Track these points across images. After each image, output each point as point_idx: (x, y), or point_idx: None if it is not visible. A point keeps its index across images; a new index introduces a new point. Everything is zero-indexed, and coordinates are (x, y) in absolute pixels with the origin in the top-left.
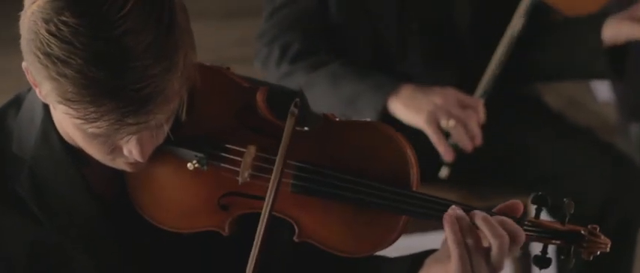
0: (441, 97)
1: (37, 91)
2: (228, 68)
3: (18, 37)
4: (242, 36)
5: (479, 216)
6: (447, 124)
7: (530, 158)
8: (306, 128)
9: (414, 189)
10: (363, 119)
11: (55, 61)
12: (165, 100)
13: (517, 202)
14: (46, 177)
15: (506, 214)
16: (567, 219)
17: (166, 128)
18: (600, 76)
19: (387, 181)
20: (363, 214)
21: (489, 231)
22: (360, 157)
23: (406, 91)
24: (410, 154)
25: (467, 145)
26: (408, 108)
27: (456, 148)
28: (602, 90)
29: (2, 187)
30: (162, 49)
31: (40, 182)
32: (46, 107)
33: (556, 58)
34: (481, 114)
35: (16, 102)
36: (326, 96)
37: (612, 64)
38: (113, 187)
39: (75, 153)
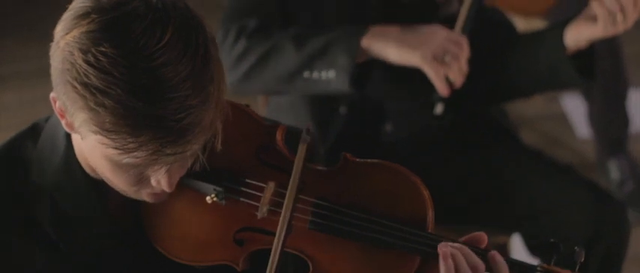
0: (432, 34)
1: (63, 121)
2: (248, 105)
3: (11, 73)
4: None
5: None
6: (443, 59)
7: (512, 197)
8: (321, 168)
9: (430, 231)
10: (333, 70)
11: (94, 91)
12: (202, 131)
13: (481, 234)
14: (67, 206)
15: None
16: (578, 267)
17: (202, 157)
18: (570, 84)
19: (404, 220)
20: (378, 254)
21: None
22: (379, 197)
23: (393, 31)
24: (427, 195)
25: (458, 79)
26: (402, 46)
27: (448, 83)
28: (582, 127)
29: (22, 215)
30: (199, 80)
31: (60, 211)
32: (68, 137)
33: (523, 73)
34: (467, 49)
35: (33, 132)
36: (290, 57)
37: (583, 69)
38: (131, 218)
39: (95, 183)
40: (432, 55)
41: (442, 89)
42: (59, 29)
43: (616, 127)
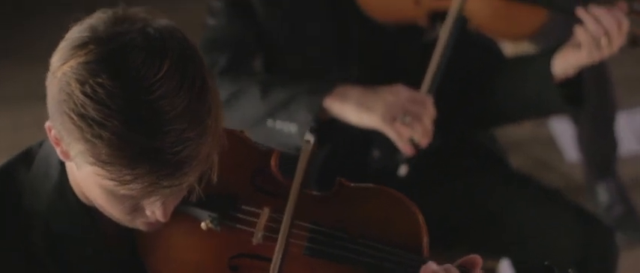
0: (393, 95)
1: (58, 149)
2: (242, 132)
3: (3, 96)
4: None
5: None
6: (403, 120)
7: (500, 222)
8: (316, 193)
9: (425, 256)
10: (295, 124)
11: (90, 122)
12: (198, 163)
13: (476, 257)
14: (62, 232)
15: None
16: None
17: (198, 189)
18: (558, 111)
19: (399, 245)
20: None
21: None
22: (374, 222)
23: (355, 92)
24: (422, 221)
25: (423, 141)
26: (361, 108)
27: (413, 144)
28: (570, 150)
29: (16, 241)
30: (196, 113)
31: (54, 237)
32: (61, 164)
33: (510, 99)
34: (431, 109)
35: (26, 157)
36: (255, 103)
37: (572, 96)
38: (125, 245)
39: (88, 210)
40: (391, 117)
41: (405, 150)
42: (56, 59)
43: (604, 151)
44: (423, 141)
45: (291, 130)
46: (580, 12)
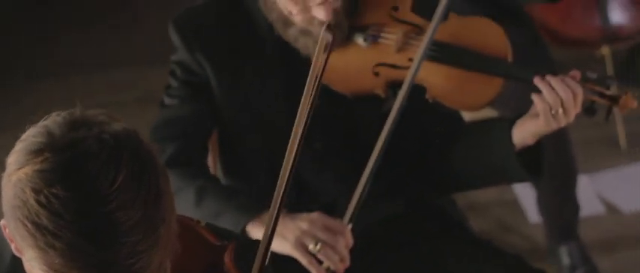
0: (307, 223)
1: (12, 245)
2: (198, 222)
3: None
4: None
5: None
6: (315, 248)
7: None
8: None
9: None
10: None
11: (44, 232)
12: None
13: None
14: None
15: None
16: None
17: None
18: (518, 180)
19: None
20: None
21: None
22: None
23: None
24: None
25: (338, 268)
26: (276, 236)
27: (329, 272)
28: (533, 212)
29: None
30: (150, 223)
31: None
32: None
33: (471, 166)
34: (348, 237)
35: None
36: (189, 208)
37: (531, 164)
38: None
39: None
40: (301, 245)
41: None
42: (11, 161)
43: (566, 215)
44: (339, 269)
45: None
46: (537, 81)
